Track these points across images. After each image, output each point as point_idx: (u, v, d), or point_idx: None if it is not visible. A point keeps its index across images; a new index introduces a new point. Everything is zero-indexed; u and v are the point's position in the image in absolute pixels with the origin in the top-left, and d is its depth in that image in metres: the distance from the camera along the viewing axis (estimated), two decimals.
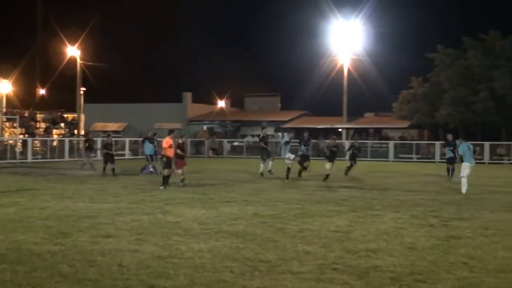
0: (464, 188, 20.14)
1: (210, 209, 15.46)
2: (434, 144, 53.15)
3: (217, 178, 25.94)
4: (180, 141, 23.12)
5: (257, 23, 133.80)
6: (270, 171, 26.92)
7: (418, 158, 51.12)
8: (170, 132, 23.22)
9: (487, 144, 49.83)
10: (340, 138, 63.38)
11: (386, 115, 71.23)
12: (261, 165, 27.20)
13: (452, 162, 26.88)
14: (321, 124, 67.85)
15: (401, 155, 52.13)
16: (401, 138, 61.65)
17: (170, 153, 21.99)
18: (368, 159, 51.15)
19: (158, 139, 30.24)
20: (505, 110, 58.47)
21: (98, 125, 74.87)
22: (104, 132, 61.36)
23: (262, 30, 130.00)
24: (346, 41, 61.22)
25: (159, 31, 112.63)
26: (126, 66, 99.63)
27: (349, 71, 62.59)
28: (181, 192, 19.90)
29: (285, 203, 17.04)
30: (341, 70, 62.69)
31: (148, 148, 28.76)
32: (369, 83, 66.48)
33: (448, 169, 27.07)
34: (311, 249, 10.19)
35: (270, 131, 69.32)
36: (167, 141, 22.10)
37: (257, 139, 62.47)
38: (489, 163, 46.68)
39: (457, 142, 24.82)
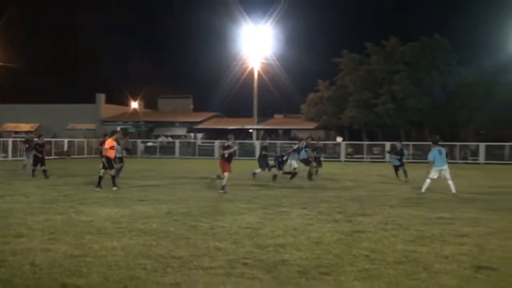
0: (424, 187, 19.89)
1: (124, 208, 15.24)
2: (339, 144, 54.27)
3: (131, 177, 25.57)
4: (230, 142, 22.40)
5: (171, 27, 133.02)
6: (254, 173, 26.45)
7: (325, 157, 52.01)
8: (113, 133, 22.52)
9: (388, 145, 51.28)
10: (251, 139, 63.88)
11: (294, 117, 72.35)
12: (258, 170, 26.62)
13: (398, 169, 26.36)
14: (232, 125, 68.23)
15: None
16: (309, 138, 62.52)
17: (111, 154, 21.38)
18: None
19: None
20: (404, 112, 60.41)
21: (10, 126, 72.56)
22: (16, 132, 59.46)
23: (175, 34, 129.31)
24: (256, 45, 61.69)
25: (71, 32, 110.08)
26: (37, 67, 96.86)
27: (259, 74, 63.12)
28: (94, 192, 19.52)
29: (197, 202, 17.00)
30: (251, 73, 63.14)
31: (117, 149, 26.94)
32: (278, 86, 67.28)
33: (396, 173, 26.39)
34: (222, 245, 10.21)
35: (181, 131, 69.11)
36: (109, 142, 21.46)
37: (170, 139, 62.26)
38: (389, 162, 47.96)
39: (405, 151, 25.84)
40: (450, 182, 19.77)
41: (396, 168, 26.50)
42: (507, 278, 8.04)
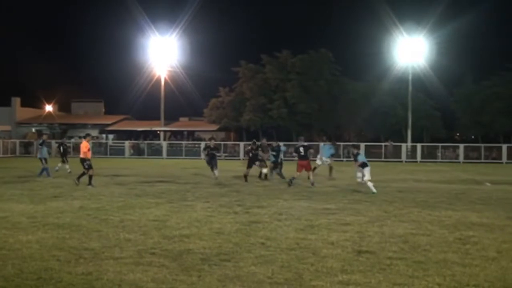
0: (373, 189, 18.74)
1: (38, 204, 14.66)
2: (239, 144, 54.59)
3: (44, 175, 24.63)
4: (305, 144, 22.04)
5: (85, 36, 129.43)
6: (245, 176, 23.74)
7: (225, 156, 52.16)
8: (87, 135, 21.74)
9: (281, 144, 51.98)
10: (159, 139, 63.17)
11: (198, 120, 72.16)
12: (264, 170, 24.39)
13: (276, 165, 24.63)
14: (142, 127, 67.27)
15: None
16: (211, 139, 62.60)
17: (88, 155, 20.67)
18: (183, 157, 51.40)
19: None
20: (295, 116, 61.71)
21: None
22: None
23: (88, 43, 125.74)
24: (163, 55, 61.12)
25: None
26: None
27: (165, 81, 62.57)
28: (9, 189, 18.66)
29: (108, 197, 16.60)
30: (158, 80, 62.48)
31: (44, 151, 25.72)
32: (183, 92, 66.88)
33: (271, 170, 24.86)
34: (132, 237, 10.01)
35: (94, 133, 67.38)
36: (85, 145, 20.80)
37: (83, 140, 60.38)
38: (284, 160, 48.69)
39: (282, 147, 25.22)
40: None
41: (275, 165, 24.69)
42: (383, 260, 8.31)
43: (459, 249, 9.16)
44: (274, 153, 24.90)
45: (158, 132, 67.14)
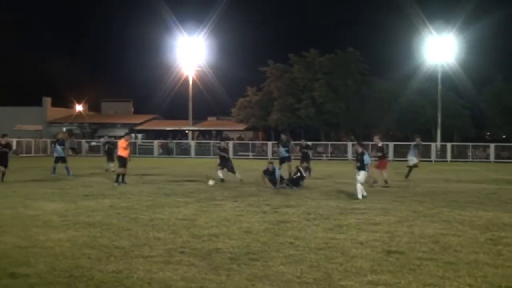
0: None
1: (69, 203, 14.85)
2: (267, 144, 54.61)
3: (76, 174, 24.93)
4: (380, 144, 22.15)
5: (114, 37, 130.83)
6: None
7: (253, 155, 52.24)
8: (126, 134, 22.30)
9: (310, 143, 51.91)
10: (187, 138, 63.54)
11: (226, 119, 72.33)
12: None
13: (284, 161, 23.88)
14: (170, 126, 67.73)
15: (240, 153, 53.07)
16: (239, 138, 62.82)
17: (125, 154, 21.05)
18: (211, 156, 51.59)
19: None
20: (323, 116, 61.43)
21: None
22: None
23: (119, 42, 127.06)
24: (191, 55, 61.41)
25: (17, 37, 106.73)
26: None
27: (193, 81, 62.85)
28: (40, 188, 18.94)
29: (138, 196, 16.74)
30: (187, 80, 62.78)
31: (59, 150, 25.73)
32: (211, 91, 67.10)
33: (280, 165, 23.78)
34: (161, 236, 10.08)
35: (123, 132, 68.03)
36: (122, 143, 21.27)
37: (113, 139, 61.03)
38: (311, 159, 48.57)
39: (290, 143, 24.39)
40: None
41: (282, 160, 23.88)
42: (413, 261, 8.22)
43: (490, 250, 9.02)
44: (286, 148, 24.24)
45: (186, 131, 67.51)
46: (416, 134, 28.88)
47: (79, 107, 78.00)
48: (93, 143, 60.43)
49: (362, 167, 16.93)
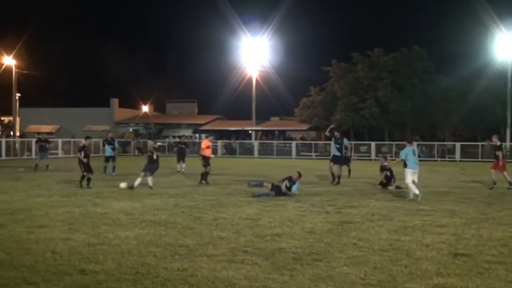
0: (411, 193, 16.23)
1: (136, 202, 15.20)
2: (330, 144, 54.22)
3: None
4: (498, 143, 21.72)
5: (178, 39, 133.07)
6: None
7: (316, 156, 51.99)
8: (208, 135, 23.27)
9: (373, 144, 51.23)
10: (250, 139, 63.86)
11: (289, 119, 72.33)
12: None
13: (337, 161, 21.82)
14: (233, 126, 68.37)
15: (302, 153, 52.93)
16: (302, 138, 62.70)
17: (208, 153, 21.94)
18: (274, 156, 51.67)
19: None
20: (388, 115, 60.45)
21: (32, 127, 72.43)
22: (39, 133, 59.43)
23: (182, 46, 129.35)
24: (254, 55, 61.71)
25: (83, 44, 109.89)
26: (57, 74, 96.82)
27: (257, 81, 63.15)
28: (109, 187, 19.46)
29: (201, 195, 16.97)
30: (250, 80, 63.16)
31: (108, 150, 26.39)
32: (274, 91, 67.24)
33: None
34: (225, 235, 10.18)
35: (188, 132, 69.09)
36: (205, 143, 22.41)
37: (178, 139, 62.04)
38: (374, 159, 48.01)
39: (345, 140, 22.40)
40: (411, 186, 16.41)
41: (334, 160, 21.87)
42: (481, 264, 8.00)
43: None
44: (337, 145, 21.88)
45: (250, 131, 67.92)
46: (488, 134, 27.69)
47: (145, 108, 79.80)
48: (158, 143, 61.63)
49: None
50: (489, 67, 54.90)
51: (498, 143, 21.59)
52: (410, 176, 16.31)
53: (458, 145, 50.00)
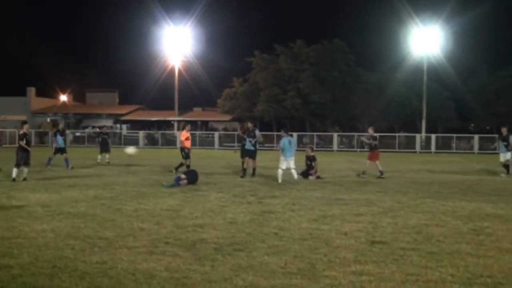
0: (280, 178, 18.36)
1: (53, 193, 14.78)
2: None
3: (60, 165, 24.74)
4: (375, 134, 22.24)
5: (99, 27, 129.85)
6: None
7: (238, 146, 52.11)
8: (185, 126, 22.85)
9: (295, 135, 51.95)
10: (173, 129, 63.32)
11: (212, 110, 72.16)
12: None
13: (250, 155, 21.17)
14: (156, 116, 67.50)
15: (225, 144, 53.03)
16: (225, 129, 62.71)
17: (188, 144, 21.51)
18: (197, 147, 51.46)
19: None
20: (309, 107, 61.51)
21: None
22: None
23: (105, 32, 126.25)
24: (177, 45, 61.06)
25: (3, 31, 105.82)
26: None
27: (179, 71, 62.54)
28: (46, 179, 18.78)
29: (122, 186, 16.70)
30: (172, 70, 62.48)
31: (60, 141, 24.98)
32: (197, 82, 66.84)
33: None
34: (145, 226, 10.07)
35: (108, 122, 67.72)
36: (184, 134, 21.97)
37: (98, 130, 60.65)
38: (296, 150, 48.69)
39: (257, 132, 21.81)
40: (293, 171, 18.62)
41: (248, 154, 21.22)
42: (396, 251, 8.29)
43: (473, 240, 9.11)
44: (250, 138, 21.26)
45: (172, 122, 67.34)
46: (401, 125, 28.84)
47: (63, 97, 77.52)
48: (78, 134, 60.05)
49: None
50: (406, 61, 56.81)
51: (375, 134, 22.74)
52: (284, 163, 18.63)
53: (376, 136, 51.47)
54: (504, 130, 23.43)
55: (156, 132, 57.64)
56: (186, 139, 21.93)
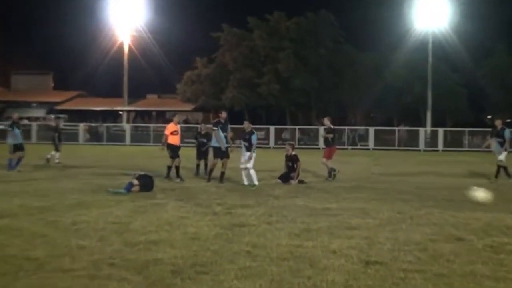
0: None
1: None
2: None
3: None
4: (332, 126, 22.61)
5: None
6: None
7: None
8: (174, 115, 22.27)
9: (272, 128, 52.03)
10: (121, 121, 62.99)
11: (170, 97, 71.97)
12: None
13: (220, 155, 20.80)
14: (100, 105, 67.05)
15: (186, 140, 52.82)
16: (186, 121, 62.57)
17: (175, 141, 20.99)
18: (151, 144, 51.31)
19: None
20: (290, 94, 61.41)
21: None
22: None
23: (33, 2, 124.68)
24: (126, 16, 60.59)
25: None
26: None
27: (130, 49, 62.19)
28: None
29: (57, 193, 16.51)
30: (121, 48, 62.06)
31: (18, 135, 24.85)
32: (152, 62, 66.57)
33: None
34: (86, 243, 9.94)
35: (40, 113, 67.08)
36: (170, 127, 21.26)
37: (27, 121, 60.00)
38: (273, 147, 48.89)
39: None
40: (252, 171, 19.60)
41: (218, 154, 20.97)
42: (396, 273, 8.29)
43: (490, 259, 9.17)
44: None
45: (120, 112, 66.99)
46: (402, 117, 29.09)
47: None
48: (1, 127, 59.35)
49: (249, 148, 19.68)
50: (407, 38, 57.02)
51: (332, 126, 22.96)
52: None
53: (371, 130, 51.83)
54: (498, 123, 23.38)
55: (101, 125, 57.28)
56: (172, 133, 21.23)
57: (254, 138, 19.76)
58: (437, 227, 11.86)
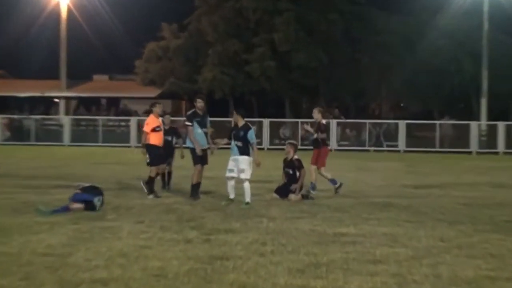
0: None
1: None
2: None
3: None
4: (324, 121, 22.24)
5: None
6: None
7: (175, 142, 51.96)
8: (153, 105, 21.16)
9: (266, 122, 51.92)
10: (58, 112, 62.85)
11: (126, 79, 71.62)
12: None
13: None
14: (26, 91, 66.62)
15: None
16: (147, 112, 62.32)
17: (157, 140, 20.56)
18: (99, 144, 51.29)
19: None
20: (290, 73, 60.86)
21: None
22: None
23: None
24: None
25: None
26: None
27: (69, 12, 62.02)
28: None
29: None
30: (56, 11, 61.91)
31: None
32: (100, 32, 66.41)
33: None
34: (5, 283, 9.89)
35: None
36: (149, 122, 20.61)
37: None
38: (268, 148, 48.78)
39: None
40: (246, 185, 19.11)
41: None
42: None
43: None
44: (201, 129, 20.62)
45: (56, 100, 66.85)
46: (445, 107, 29.03)
47: None
48: None
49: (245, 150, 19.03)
50: None
51: (324, 121, 23.06)
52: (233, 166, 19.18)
53: (402, 124, 51.75)
54: None
55: (28, 118, 57.10)
56: (153, 130, 20.60)
57: (251, 135, 19.21)
58: (496, 260, 11.86)
